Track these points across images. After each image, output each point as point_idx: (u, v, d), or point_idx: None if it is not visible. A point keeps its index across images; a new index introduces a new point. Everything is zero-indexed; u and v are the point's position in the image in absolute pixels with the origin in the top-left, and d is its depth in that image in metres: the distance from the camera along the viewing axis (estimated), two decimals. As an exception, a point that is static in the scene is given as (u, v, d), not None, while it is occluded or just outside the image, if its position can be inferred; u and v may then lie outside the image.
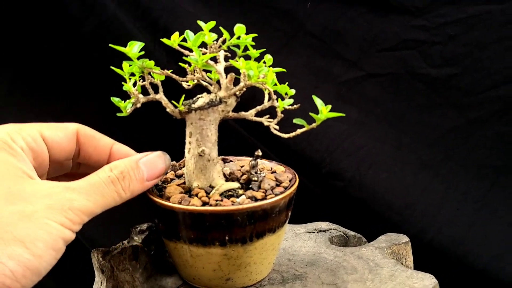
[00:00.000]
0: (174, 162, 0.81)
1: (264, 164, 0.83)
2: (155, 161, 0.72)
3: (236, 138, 1.32)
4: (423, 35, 1.30)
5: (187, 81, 0.74)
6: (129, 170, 0.69)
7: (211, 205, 0.70)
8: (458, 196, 1.34)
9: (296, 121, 0.71)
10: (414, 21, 1.30)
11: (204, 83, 0.73)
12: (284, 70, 0.74)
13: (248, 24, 1.27)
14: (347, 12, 1.31)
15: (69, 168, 0.79)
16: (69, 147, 0.75)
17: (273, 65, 0.77)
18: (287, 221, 0.77)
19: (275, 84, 0.71)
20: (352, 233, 0.96)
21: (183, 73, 0.75)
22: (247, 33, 0.73)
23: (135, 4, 1.26)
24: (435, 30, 1.29)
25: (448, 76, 1.31)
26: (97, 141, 0.77)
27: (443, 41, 1.29)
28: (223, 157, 0.83)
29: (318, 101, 0.70)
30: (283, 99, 0.73)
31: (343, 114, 0.72)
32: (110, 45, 0.70)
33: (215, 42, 0.70)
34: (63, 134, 0.74)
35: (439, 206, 1.34)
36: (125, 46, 0.70)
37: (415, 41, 1.31)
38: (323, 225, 0.97)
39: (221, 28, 0.70)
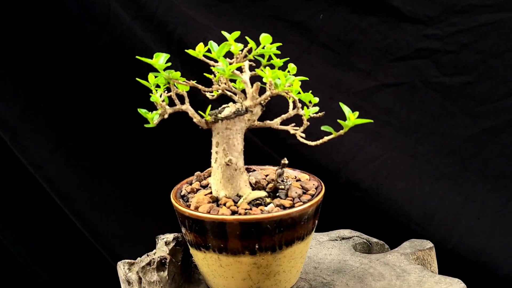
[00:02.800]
0: (198, 172, 0.81)
1: (288, 172, 0.83)
2: None
3: (251, 149, 1.33)
4: (435, 44, 1.31)
5: (211, 92, 0.75)
6: None
7: (240, 214, 0.70)
8: (477, 206, 1.33)
9: (324, 128, 0.72)
10: (427, 30, 1.31)
11: (229, 93, 0.74)
12: (307, 78, 0.74)
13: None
14: (360, 23, 1.32)
15: None
16: None
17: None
18: (314, 229, 0.77)
19: (299, 93, 0.71)
20: (374, 240, 0.96)
21: (203, 84, 0.75)
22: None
23: (149, 18, 1.28)
24: (448, 39, 1.30)
25: (462, 84, 1.32)
26: None
27: (456, 49, 1.31)
28: (246, 166, 0.84)
29: (345, 108, 0.71)
30: (307, 107, 0.73)
31: (371, 120, 0.72)
32: (137, 57, 0.71)
33: (240, 52, 0.71)
34: None
35: (458, 216, 1.34)
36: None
37: (428, 50, 1.32)
38: (346, 232, 0.97)
39: (247, 37, 0.71)
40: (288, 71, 0.73)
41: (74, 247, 1.46)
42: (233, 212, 0.71)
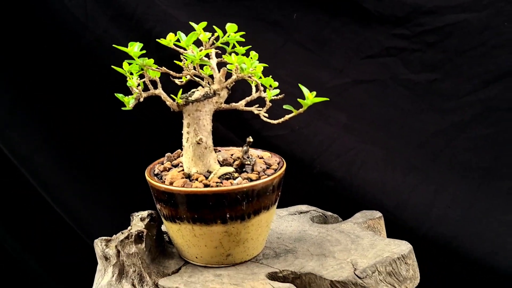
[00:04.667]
0: (169, 153, 0.88)
1: (252, 151, 0.90)
2: None
3: (228, 142, 1.40)
4: (403, 43, 1.38)
5: (180, 78, 0.82)
6: None
7: (212, 187, 0.77)
8: (447, 196, 1.40)
9: (286, 107, 0.79)
10: (395, 30, 1.38)
11: (197, 79, 0.81)
12: (267, 65, 0.81)
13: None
14: (332, 22, 1.39)
15: None
16: None
17: (263, 72, 0.84)
18: (278, 200, 0.84)
19: (260, 77, 0.78)
20: (329, 213, 1.05)
21: (177, 71, 0.82)
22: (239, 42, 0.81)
23: (128, 17, 1.35)
24: (415, 38, 1.38)
25: (428, 81, 1.39)
26: None
27: (422, 48, 1.38)
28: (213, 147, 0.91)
29: (304, 89, 0.78)
30: (266, 90, 0.80)
31: (328, 99, 0.79)
32: (114, 45, 0.77)
33: (208, 40, 0.78)
34: None
35: (430, 205, 1.40)
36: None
37: (397, 48, 1.39)
38: (303, 207, 1.06)
39: (214, 26, 0.78)
40: (251, 58, 0.80)
41: (60, 237, 1.52)
42: (206, 185, 0.78)
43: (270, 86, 0.81)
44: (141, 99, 0.79)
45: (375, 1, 1.37)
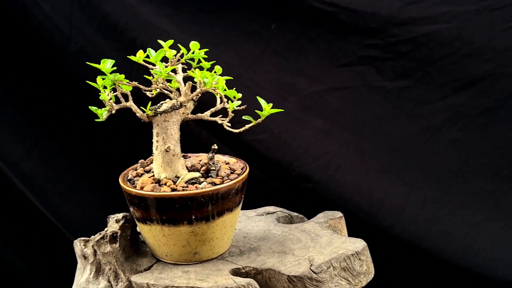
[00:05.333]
0: (142, 160, 0.96)
1: (219, 157, 0.98)
2: None
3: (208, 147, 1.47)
4: (376, 52, 1.44)
5: (150, 91, 0.89)
6: None
7: (178, 191, 0.85)
8: (419, 197, 1.46)
9: (245, 117, 0.87)
10: (369, 40, 1.44)
11: (166, 92, 0.88)
12: (231, 78, 0.88)
13: (221, 43, 1.44)
14: (308, 32, 1.46)
15: None
16: None
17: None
18: (241, 202, 0.92)
19: (225, 90, 0.86)
20: (295, 213, 1.12)
21: (148, 85, 0.89)
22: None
23: (112, 27, 1.43)
24: (388, 48, 1.44)
25: (400, 88, 1.45)
26: None
27: (395, 57, 1.44)
28: (183, 154, 0.98)
29: (262, 101, 0.86)
30: (232, 102, 0.87)
31: (282, 110, 0.86)
32: (87, 63, 0.85)
33: (174, 56, 0.85)
34: None
35: (403, 206, 1.46)
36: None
37: (370, 57, 1.45)
38: (271, 208, 1.13)
39: (179, 45, 0.85)
40: (215, 72, 0.87)
41: (48, 240, 1.59)
42: (173, 190, 0.86)
43: (234, 97, 0.88)
44: (113, 111, 0.86)
45: (349, 12, 1.42)
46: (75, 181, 1.53)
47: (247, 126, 0.88)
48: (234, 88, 0.88)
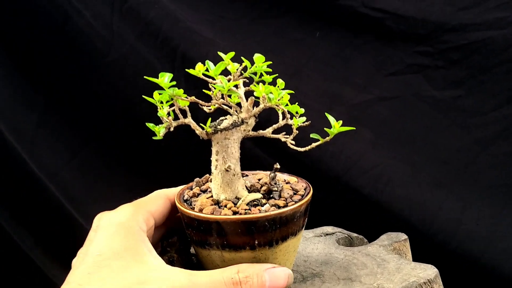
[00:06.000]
0: (197, 178, 0.90)
1: (278, 176, 0.91)
2: (279, 275, 0.78)
3: (255, 159, 1.41)
4: (426, 60, 1.39)
5: (209, 106, 0.83)
6: (254, 276, 0.75)
7: (241, 214, 0.78)
8: (474, 213, 1.40)
9: (312, 135, 0.80)
10: (418, 47, 1.39)
11: (225, 107, 0.82)
12: (293, 92, 0.82)
13: (263, 51, 1.38)
14: (354, 40, 1.41)
15: None
16: (164, 215, 0.85)
17: (287, 89, 0.85)
18: (305, 226, 0.85)
19: (287, 105, 0.80)
20: (355, 234, 1.06)
21: (202, 99, 0.84)
22: (265, 59, 0.82)
23: (154, 35, 1.38)
24: (438, 55, 1.38)
25: (452, 98, 1.40)
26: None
27: (446, 65, 1.38)
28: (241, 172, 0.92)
29: (331, 118, 0.79)
30: (296, 117, 0.81)
31: (353, 128, 0.80)
32: (145, 77, 0.79)
33: (236, 70, 0.80)
34: (160, 206, 0.84)
35: (457, 222, 1.40)
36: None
37: (419, 65, 1.40)
38: (329, 229, 1.06)
39: (242, 58, 0.79)
40: (278, 86, 0.81)
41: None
42: (234, 213, 0.79)
43: (297, 113, 0.82)
44: (172, 129, 0.80)
45: (397, 18, 1.37)
46: (114, 194, 1.49)
47: (313, 145, 0.82)
48: (297, 103, 0.82)
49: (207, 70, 0.79)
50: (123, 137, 1.46)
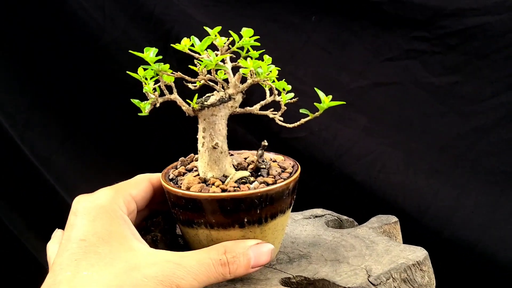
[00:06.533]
0: (182, 157, 0.88)
1: (265, 155, 0.90)
2: (263, 251, 0.77)
3: (246, 143, 1.40)
4: (424, 45, 1.37)
5: (194, 82, 0.82)
6: (240, 255, 0.74)
7: (230, 191, 0.77)
8: (470, 200, 1.38)
9: (302, 110, 0.79)
10: (415, 32, 1.37)
11: (211, 83, 0.80)
12: (279, 68, 0.81)
13: (259, 36, 1.36)
14: (351, 25, 1.39)
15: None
16: (146, 199, 0.83)
17: (283, 73, 0.84)
18: (293, 203, 0.84)
19: (274, 81, 0.78)
20: (345, 217, 1.04)
21: (190, 76, 0.82)
22: (261, 43, 0.80)
23: (147, 18, 1.37)
24: (436, 41, 1.36)
25: (450, 84, 1.38)
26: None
27: (443, 51, 1.36)
28: (227, 151, 0.91)
29: (320, 92, 0.78)
30: (280, 94, 0.80)
31: (344, 102, 0.79)
32: (130, 51, 0.78)
33: (224, 44, 0.78)
34: (142, 190, 0.82)
35: (453, 209, 1.38)
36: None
37: (417, 51, 1.38)
38: (318, 211, 1.05)
39: (230, 31, 0.78)
40: (265, 62, 0.79)
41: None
42: (223, 190, 0.78)
43: (284, 89, 0.81)
44: (157, 105, 0.79)
45: (395, 3, 1.36)
46: (107, 178, 1.47)
47: (302, 121, 0.80)
48: (284, 79, 0.80)
49: (192, 45, 0.78)
50: (115, 121, 1.44)
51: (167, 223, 0.88)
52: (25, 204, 1.45)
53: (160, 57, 0.77)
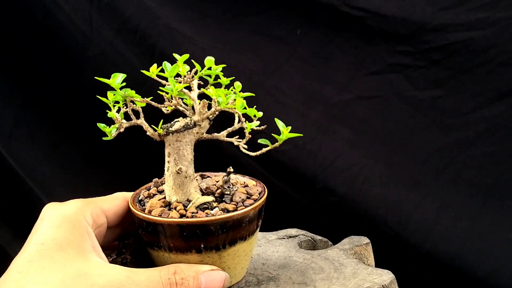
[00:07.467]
0: (156, 179, 0.90)
1: (238, 179, 0.91)
2: (215, 278, 0.79)
3: (232, 160, 1.41)
4: (407, 59, 1.38)
5: (165, 107, 0.84)
6: (190, 279, 0.76)
7: (187, 217, 0.79)
8: (451, 213, 1.39)
9: (260, 141, 0.80)
10: (399, 46, 1.38)
11: (181, 108, 0.82)
12: (253, 94, 0.82)
13: (244, 48, 1.39)
14: (335, 38, 1.40)
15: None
16: (119, 215, 0.86)
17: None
18: (258, 230, 0.85)
19: (245, 108, 0.80)
20: (319, 237, 1.05)
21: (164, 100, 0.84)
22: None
23: (133, 31, 1.38)
24: (419, 55, 1.37)
25: (432, 98, 1.38)
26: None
27: (427, 65, 1.37)
28: (201, 173, 0.92)
29: (279, 123, 0.79)
30: (252, 121, 0.81)
31: (301, 134, 0.80)
32: (96, 77, 0.79)
33: (188, 72, 0.80)
34: (116, 206, 0.85)
35: (433, 222, 1.39)
36: (121, 71, 0.80)
37: (400, 65, 1.39)
38: (293, 231, 1.06)
39: (193, 61, 0.80)
40: (233, 88, 0.81)
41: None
42: (182, 215, 0.79)
43: (254, 116, 0.82)
44: (122, 130, 0.81)
45: (379, 18, 1.36)
46: (92, 190, 1.50)
47: (263, 150, 0.82)
48: (257, 98, 0.82)
49: (162, 71, 0.80)
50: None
51: (139, 245, 0.90)
52: (10, 214, 1.47)
53: (124, 83, 0.79)
